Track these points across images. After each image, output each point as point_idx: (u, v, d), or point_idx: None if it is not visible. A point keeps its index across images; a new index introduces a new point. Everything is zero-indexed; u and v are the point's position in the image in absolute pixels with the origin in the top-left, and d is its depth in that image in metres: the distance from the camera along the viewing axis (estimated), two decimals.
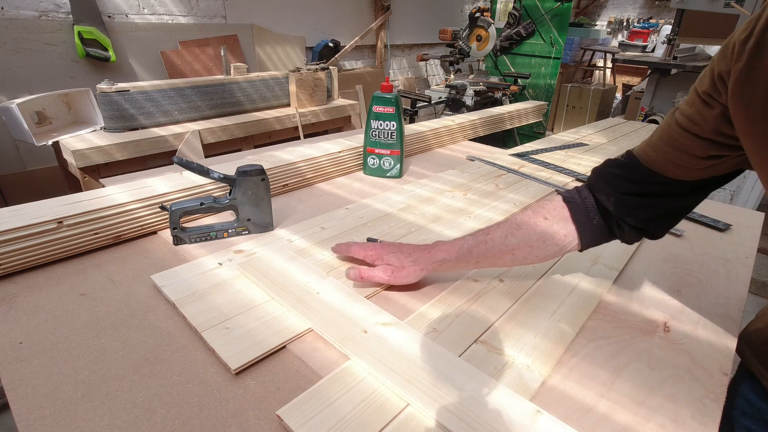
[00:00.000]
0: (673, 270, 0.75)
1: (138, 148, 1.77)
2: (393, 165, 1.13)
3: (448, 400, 0.44)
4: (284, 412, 0.43)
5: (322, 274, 0.66)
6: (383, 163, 1.13)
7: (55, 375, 0.49)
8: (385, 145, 1.11)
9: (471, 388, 0.46)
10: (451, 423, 0.42)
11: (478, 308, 0.61)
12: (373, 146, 1.12)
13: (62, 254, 0.71)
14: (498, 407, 0.44)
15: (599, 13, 5.78)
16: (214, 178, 0.76)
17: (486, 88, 3.09)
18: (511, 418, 0.43)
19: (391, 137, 1.10)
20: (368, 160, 1.15)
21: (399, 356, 0.50)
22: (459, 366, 0.49)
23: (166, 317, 0.59)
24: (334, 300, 0.61)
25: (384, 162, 1.13)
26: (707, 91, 0.47)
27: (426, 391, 0.45)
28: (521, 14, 3.92)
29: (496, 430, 0.41)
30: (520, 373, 0.50)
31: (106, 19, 2.43)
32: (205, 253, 0.74)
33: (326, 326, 0.55)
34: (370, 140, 1.12)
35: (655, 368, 0.52)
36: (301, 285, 0.64)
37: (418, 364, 0.49)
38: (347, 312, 0.58)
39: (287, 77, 2.34)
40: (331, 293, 0.62)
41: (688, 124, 0.49)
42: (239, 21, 3.03)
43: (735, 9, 2.60)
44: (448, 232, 0.84)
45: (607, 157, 1.36)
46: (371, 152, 1.13)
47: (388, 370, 0.48)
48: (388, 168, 1.14)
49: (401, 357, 0.50)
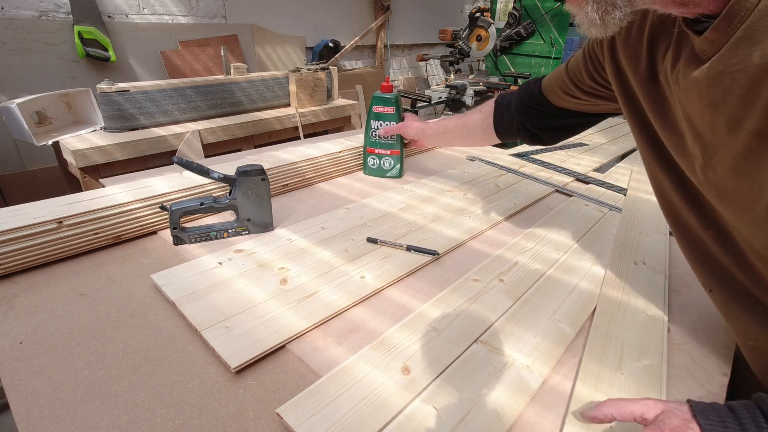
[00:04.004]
0: (673, 270, 0.75)
1: (138, 148, 1.77)
2: (393, 165, 1.13)
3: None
4: (284, 410, 0.43)
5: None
6: (383, 163, 1.13)
7: (55, 375, 0.49)
8: (385, 146, 1.11)
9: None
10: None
11: (478, 308, 0.61)
12: (373, 146, 1.12)
13: (62, 254, 0.71)
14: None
15: None
16: (214, 178, 0.76)
17: (486, 88, 3.09)
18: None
19: (391, 137, 1.10)
20: (368, 161, 1.14)
21: None
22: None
23: (166, 317, 0.59)
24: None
25: (384, 162, 1.13)
26: (593, 49, 0.64)
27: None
28: (521, 14, 3.91)
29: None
30: (520, 373, 0.50)
31: (106, 19, 2.43)
32: (205, 253, 0.74)
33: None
34: (370, 140, 1.12)
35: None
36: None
37: None
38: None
39: (287, 77, 2.34)
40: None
41: (573, 73, 0.70)
42: (239, 21, 3.02)
43: None
44: (449, 231, 0.84)
45: (608, 157, 1.37)
46: (371, 152, 1.13)
47: None
48: (388, 168, 1.14)
49: None
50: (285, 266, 0.70)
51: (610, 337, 0.57)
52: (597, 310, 0.63)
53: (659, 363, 0.53)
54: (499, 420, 0.44)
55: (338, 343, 0.55)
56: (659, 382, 0.49)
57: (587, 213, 0.95)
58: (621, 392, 0.48)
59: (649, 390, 0.48)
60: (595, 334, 0.57)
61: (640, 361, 0.53)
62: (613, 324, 0.60)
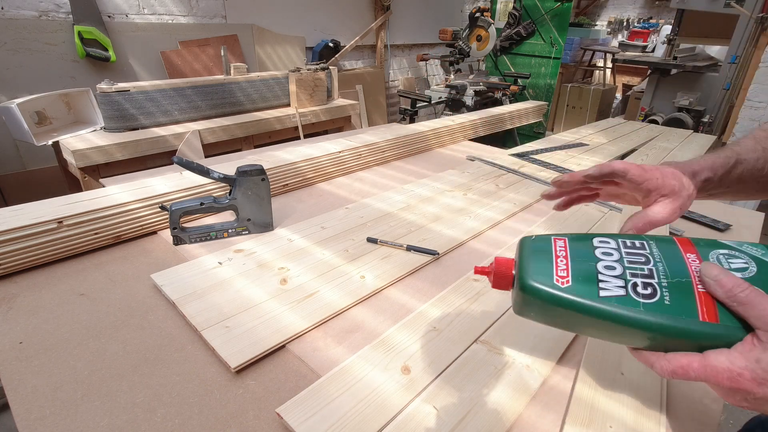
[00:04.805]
0: None
1: (138, 148, 1.77)
2: None
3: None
4: (284, 409, 0.43)
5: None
6: None
7: (55, 375, 0.49)
8: None
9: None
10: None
11: (478, 308, 0.61)
12: None
13: (62, 254, 0.71)
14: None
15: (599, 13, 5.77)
16: (214, 178, 0.76)
17: (486, 88, 3.09)
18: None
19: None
20: None
21: None
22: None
23: (166, 317, 0.59)
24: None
25: None
26: None
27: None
28: (521, 14, 3.91)
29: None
30: (520, 373, 0.50)
31: (106, 19, 2.43)
32: (205, 253, 0.74)
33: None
34: None
35: None
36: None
37: None
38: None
39: (287, 77, 2.34)
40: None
41: None
42: (239, 21, 3.02)
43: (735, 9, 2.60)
44: (449, 231, 0.84)
45: (608, 157, 1.36)
46: None
47: None
48: None
49: None
50: (285, 266, 0.70)
51: None
52: None
53: None
54: (499, 420, 0.44)
55: (338, 343, 0.55)
56: (659, 382, 0.49)
57: (587, 213, 0.95)
58: (621, 392, 0.48)
59: (649, 390, 0.48)
60: None
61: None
62: None
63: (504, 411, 0.45)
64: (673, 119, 3.05)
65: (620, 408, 0.46)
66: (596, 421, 0.44)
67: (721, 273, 0.33)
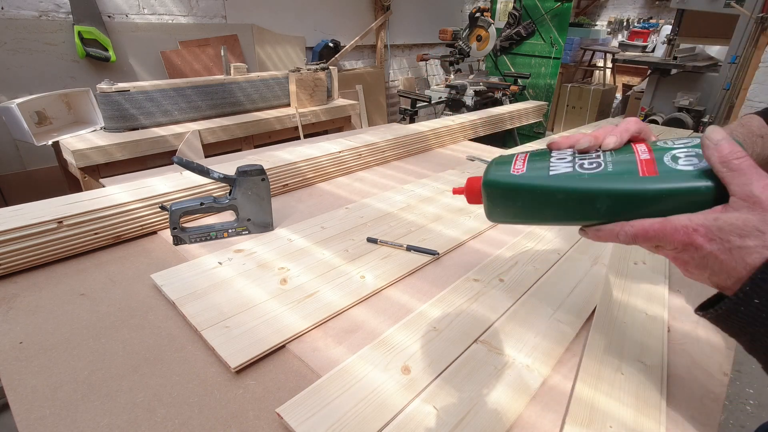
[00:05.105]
0: (673, 270, 0.75)
1: (138, 148, 1.77)
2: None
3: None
4: (284, 409, 0.43)
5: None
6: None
7: (54, 375, 0.49)
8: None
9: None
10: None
11: (478, 308, 0.61)
12: None
13: (62, 254, 0.71)
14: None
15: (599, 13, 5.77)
16: (214, 178, 0.76)
17: (486, 88, 3.09)
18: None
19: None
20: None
21: None
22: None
23: (166, 317, 0.59)
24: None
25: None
26: None
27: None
28: (521, 14, 3.91)
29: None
30: (520, 373, 0.50)
31: (106, 19, 2.43)
32: (205, 253, 0.74)
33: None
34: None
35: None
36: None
37: None
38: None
39: (287, 77, 2.34)
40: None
41: None
42: (239, 21, 3.02)
43: (735, 9, 2.60)
44: (449, 231, 0.84)
45: None
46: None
47: None
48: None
49: None
50: (285, 266, 0.70)
51: (610, 337, 0.57)
52: (597, 310, 0.63)
53: (659, 363, 0.52)
54: (499, 420, 0.44)
55: (338, 343, 0.55)
56: (659, 382, 0.49)
57: None
58: (621, 392, 0.48)
59: (649, 390, 0.48)
60: (595, 334, 0.57)
61: (641, 361, 0.53)
62: (613, 324, 0.59)
63: (504, 411, 0.45)
64: (673, 119, 3.05)
65: (620, 408, 0.46)
66: (596, 421, 0.44)
67: (724, 139, 0.32)
